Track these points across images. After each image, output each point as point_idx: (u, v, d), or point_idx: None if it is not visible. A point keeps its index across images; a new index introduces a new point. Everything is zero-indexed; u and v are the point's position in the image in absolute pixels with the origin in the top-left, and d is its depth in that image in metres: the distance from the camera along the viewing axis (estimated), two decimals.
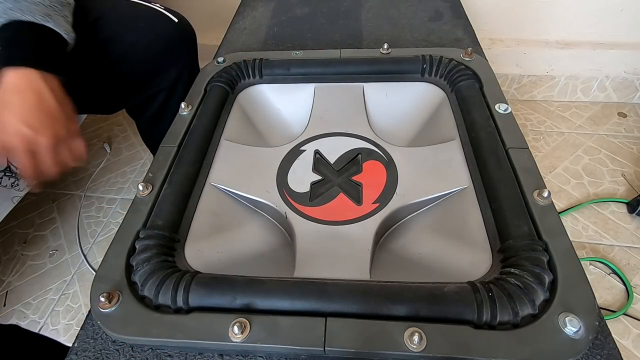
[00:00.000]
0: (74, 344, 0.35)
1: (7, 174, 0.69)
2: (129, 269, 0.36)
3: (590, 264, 0.84)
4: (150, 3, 0.64)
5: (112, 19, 0.60)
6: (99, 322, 0.32)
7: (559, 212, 0.83)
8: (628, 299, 0.78)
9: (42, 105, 0.43)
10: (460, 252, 0.38)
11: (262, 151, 0.51)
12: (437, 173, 0.45)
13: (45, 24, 0.46)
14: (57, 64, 0.47)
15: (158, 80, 0.67)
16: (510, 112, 0.47)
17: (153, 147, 0.91)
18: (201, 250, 0.40)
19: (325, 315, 0.31)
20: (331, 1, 0.81)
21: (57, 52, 0.48)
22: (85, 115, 0.88)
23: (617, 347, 0.32)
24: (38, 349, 0.58)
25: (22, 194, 0.74)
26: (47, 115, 0.43)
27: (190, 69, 0.70)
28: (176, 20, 0.65)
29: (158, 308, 0.33)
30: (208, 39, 1.25)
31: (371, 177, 0.46)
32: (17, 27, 0.44)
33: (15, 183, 0.70)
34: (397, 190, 0.44)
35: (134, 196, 0.42)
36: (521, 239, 0.34)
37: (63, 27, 0.48)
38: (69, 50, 0.50)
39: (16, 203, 0.74)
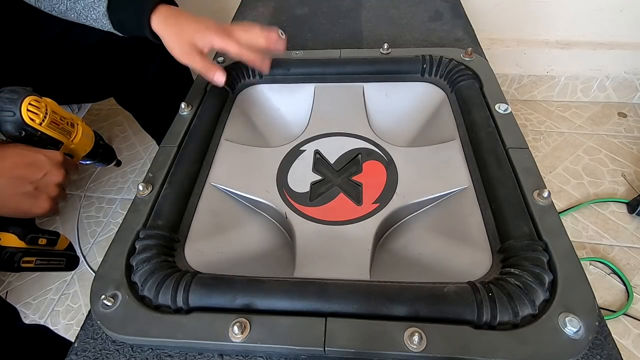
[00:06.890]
0: (74, 344, 0.35)
1: None
2: (129, 269, 0.36)
3: (590, 264, 0.84)
4: None
5: None
6: (99, 322, 0.32)
7: (559, 212, 0.83)
8: (628, 299, 0.78)
9: None
10: (460, 252, 0.38)
11: (262, 151, 0.51)
12: (437, 173, 0.45)
13: None
14: None
15: (143, 71, 0.71)
16: (510, 112, 0.47)
17: (156, 135, 0.92)
18: (201, 250, 0.40)
19: (325, 315, 0.31)
20: (331, 1, 0.81)
21: None
22: (87, 109, 0.88)
23: (617, 347, 0.32)
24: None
25: None
26: None
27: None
28: None
29: (158, 308, 0.33)
30: None
31: (371, 177, 0.46)
32: None
33: None
34: (397, 191, 0.44)
35: (134, 196, 0.42)
36: (521, 239, 0.34)
37: None
38: None
39: None
